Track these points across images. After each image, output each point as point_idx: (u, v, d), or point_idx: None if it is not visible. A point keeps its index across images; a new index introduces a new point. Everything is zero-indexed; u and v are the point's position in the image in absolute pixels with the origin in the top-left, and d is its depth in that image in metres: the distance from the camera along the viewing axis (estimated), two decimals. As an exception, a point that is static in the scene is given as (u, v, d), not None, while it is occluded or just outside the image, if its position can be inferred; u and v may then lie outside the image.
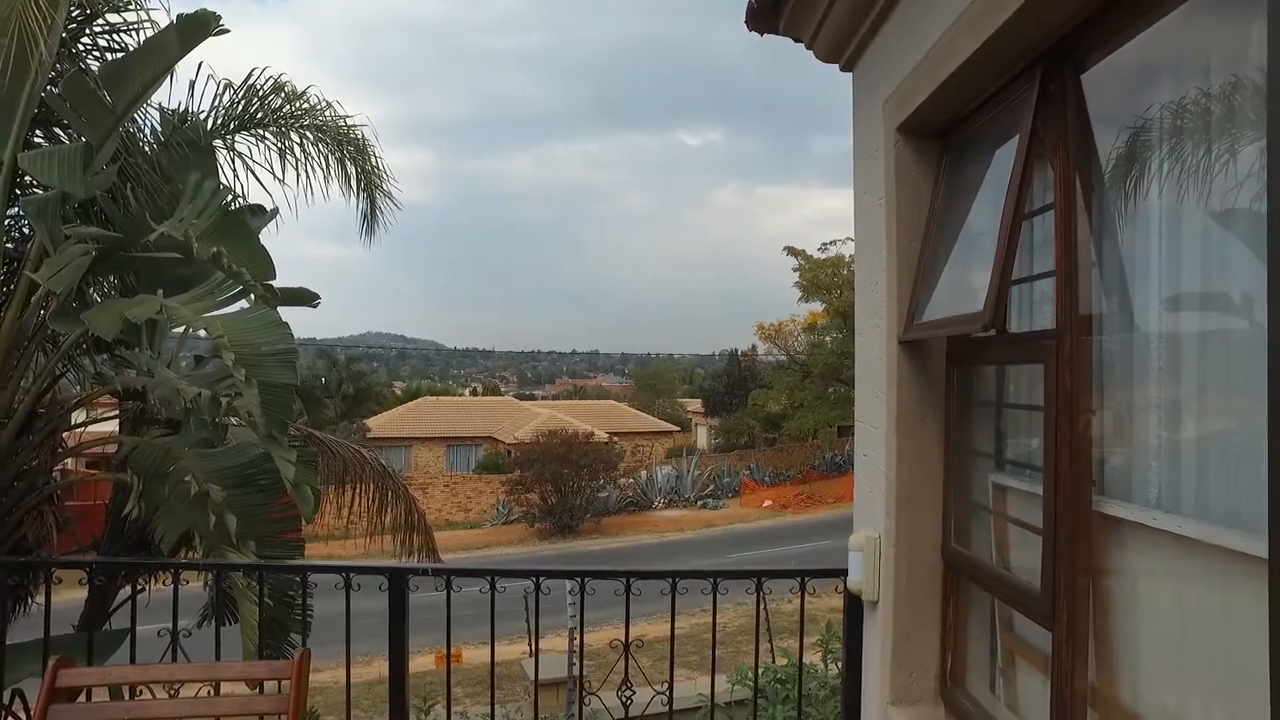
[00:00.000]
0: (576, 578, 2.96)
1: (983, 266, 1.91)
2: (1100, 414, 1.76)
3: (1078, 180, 1.78)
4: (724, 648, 13.69)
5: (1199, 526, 1.48)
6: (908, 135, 2.37)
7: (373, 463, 7.66)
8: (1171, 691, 1.61)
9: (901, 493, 2.32)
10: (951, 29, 1.97)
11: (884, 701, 2.46)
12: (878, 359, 2.46)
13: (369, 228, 7.12)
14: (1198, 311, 1.59)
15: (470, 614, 3.33)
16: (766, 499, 31.13)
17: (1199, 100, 1.54)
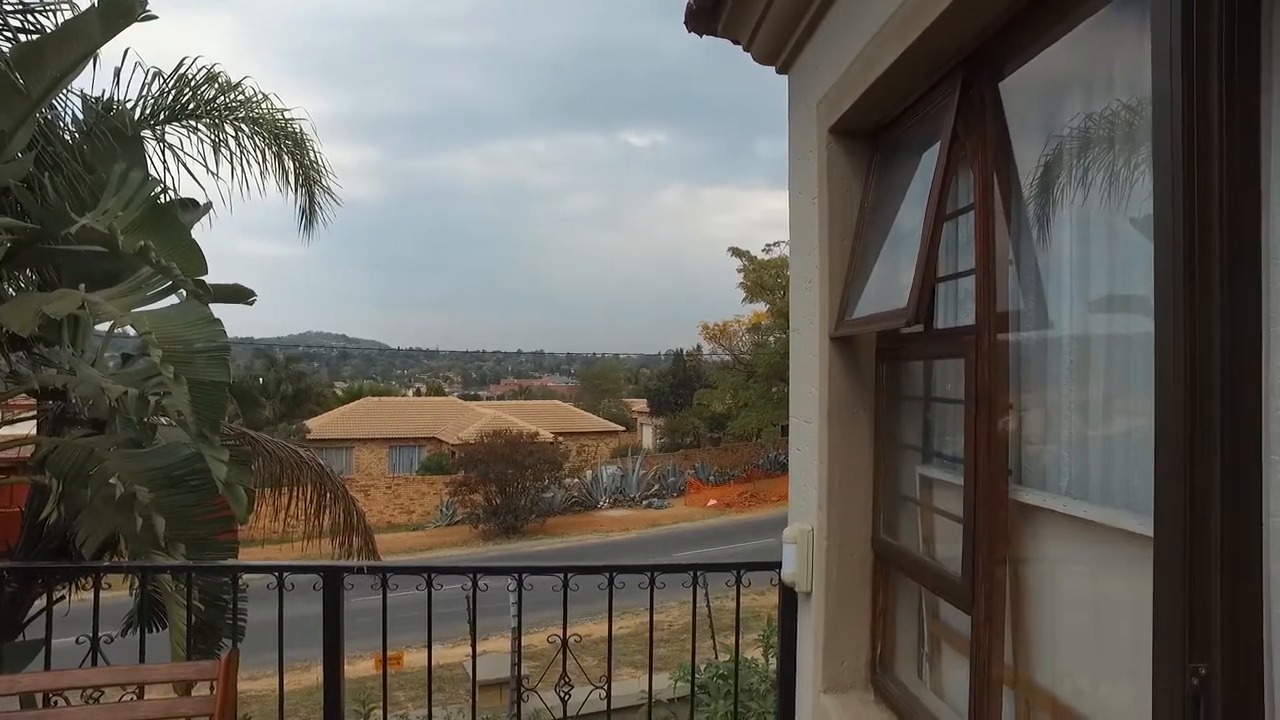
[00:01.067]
0: (514, 574, 2.95)
1: (909, 265, 1.97)
2: (1017, 406, 1.84)
3: (996, 183, 1.85)
4: (669, 645, 13.77)
5: (1103, 511, 1.56)
6: (839, 137, 2.43)
7: (311, 463, 7.49)
8: (1080, 666, 1.69)
9: (833, 486, 2.38)
10: (879, 34, 2.03)
11: (816, 690, 2.52)
12: (811, 355, 2.51)
13: (308, 224, 6.98)
14: (1104, 311, 1.67)
15: (410, 616, 3.29)
16: (711, 498, 31.39)
17: (1106, 110, 1.62)
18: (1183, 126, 1.11)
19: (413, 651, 10.97)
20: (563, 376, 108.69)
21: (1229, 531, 1.09)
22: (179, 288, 3.90)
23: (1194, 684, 1.09)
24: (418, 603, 3.08)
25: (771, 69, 3.09)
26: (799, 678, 2.84)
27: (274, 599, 3.10)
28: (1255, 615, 1.10)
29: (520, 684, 3.13)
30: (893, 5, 1.94)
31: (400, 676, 11.80)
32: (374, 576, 3.08)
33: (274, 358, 42.26)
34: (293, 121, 6.21)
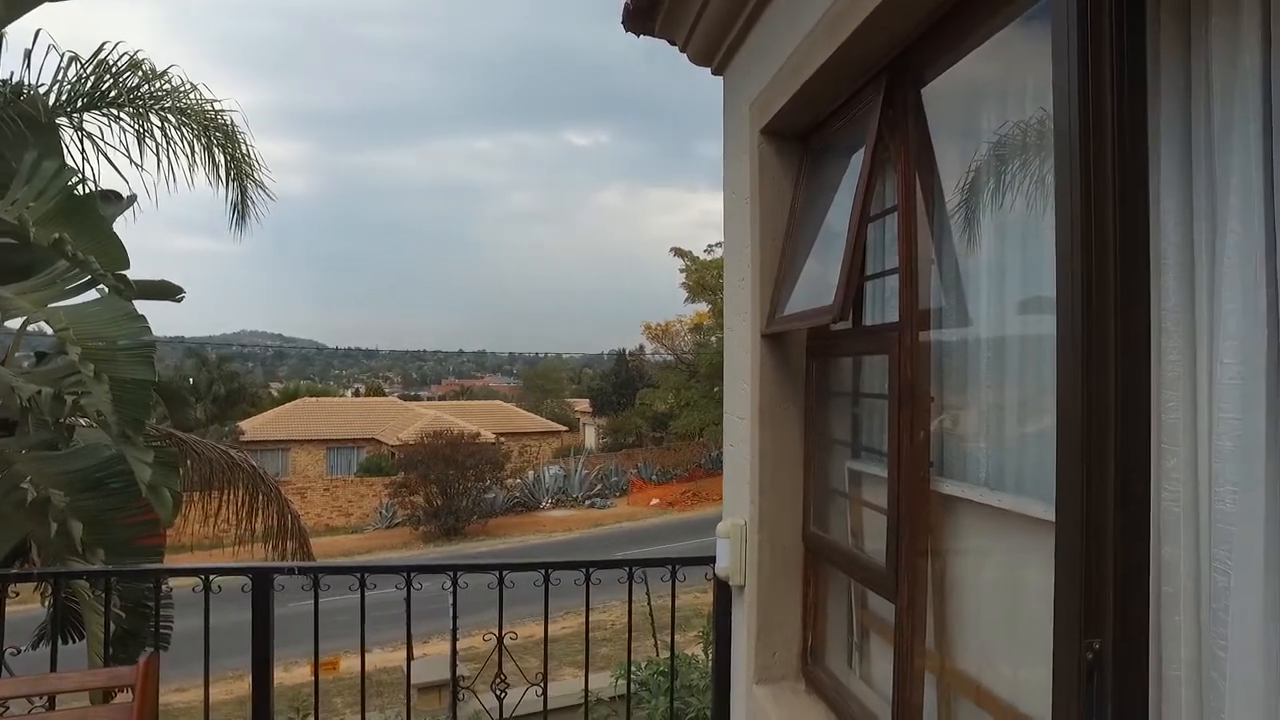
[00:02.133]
0: (449, 572, 2.93)
1: (837, 263, 2.03)
2: (938, 401, 1.90)
3: (918, 185, 1.91)
4: (613, 645, 13.77)
5: (1016, 500, 1.63)
6: (771, 137, 2.48)
7: (244, 465, 7.29)
8: (997, 647, 1.76)
9: (764, 481, 2.42)
10: (808, 37, 2.08)
11: (750, 681, 2.56)
12: (743, 353, 2.56)
13: (240, 219, 6.80)
14: (1018, 311, 1.75)
15: (350, 620, 3.22)
16: (654, 497, 31.53)
17: (1020, 117, 1.70)
18: (1079, 135, 1.17)
19: (351, 656, 10.74)
20: (505, 376, 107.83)
21: (1121, 516, 1.16)
22: (99, 282, 3.77)
23: (1089, 658, 1.15)
24: (354, 607, 3.03)
25: (708, 70, 3.13)
26: (733, 670, 2.88)
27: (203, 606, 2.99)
28: (1144, 593, 1.17)
29: (456, 684, 3.10)
30: (820, 10, 1.99)
31: (339, 682, 11.56)
32: (307, 579, 3.02)
33: (206, 357, 40.92)
34: (223, 113, 6.04)
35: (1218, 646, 1.14)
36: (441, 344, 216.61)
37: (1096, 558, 1.16)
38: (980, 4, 1.64)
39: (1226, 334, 1.17)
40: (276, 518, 7.11)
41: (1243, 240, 1.14)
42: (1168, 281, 1.26)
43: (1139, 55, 1.18)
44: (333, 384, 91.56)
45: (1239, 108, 1.14)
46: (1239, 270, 1.15)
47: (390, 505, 28.75)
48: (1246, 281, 1.14)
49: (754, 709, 2.54)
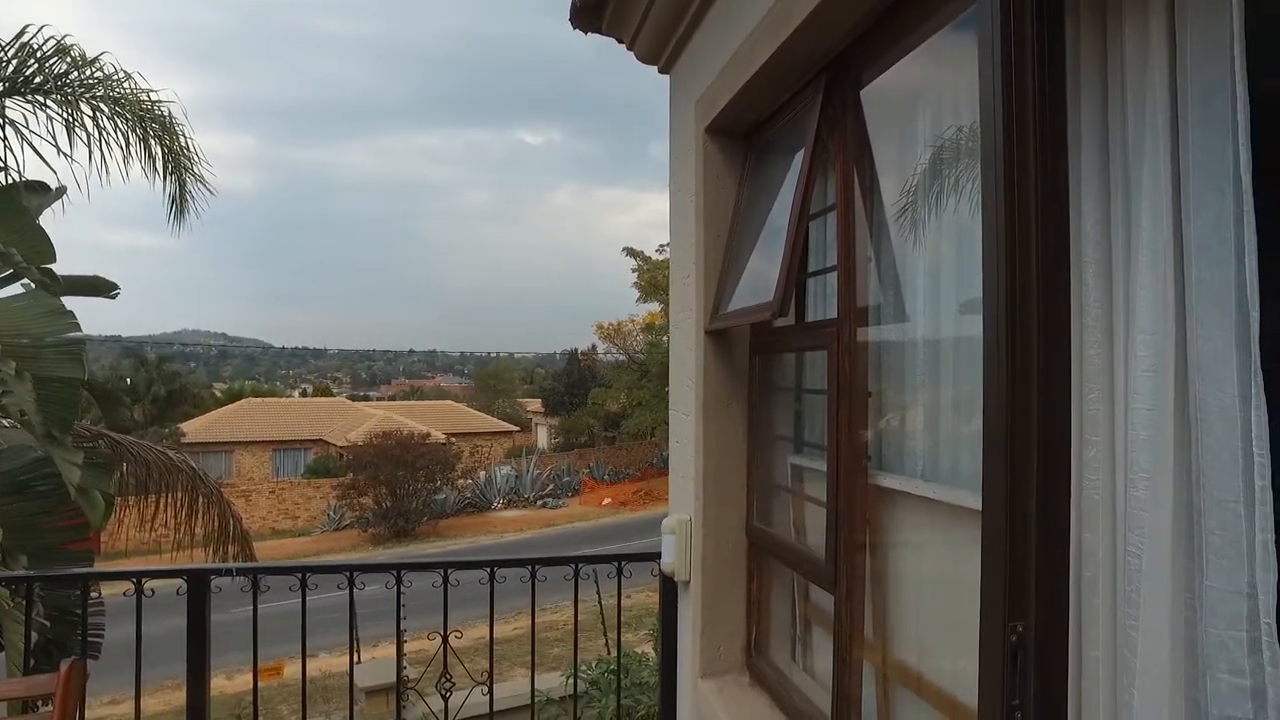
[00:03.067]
0: (393, 571, 2.89)
1: (779, 260, 2.06)
2: (876, 395, 1.94)
3: (856, 184, 1.95)
4: (564, 645, 13.71)
5: (950, 491, 1.67)
6: (715, 136, 2.50)
7: (183, 467, 7.07)
8: (932, 635, 1.81)
9: (708, 476, 2.45)
10: (751, 37, 2.11)
11: (695, 675, 2.58)
12: (688, 349, 2.57)
13: (179, 214, 6.60)
14: (952, 307, 1.79)
15: (292, 624, 3.15)
16: (606, 497, 31.50)
17: (954, 120, 1.74)
18: (1003, 137, 1.21)
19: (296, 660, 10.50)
20: (456, 376, 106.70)
21: (1043, 505, 1.20)
22: (22, 276, 3.62)
23: (1013, 640, 1.19)
24: (299, 612, 2.94)
25: (655, 69, 3.15)
26: (679, 665, 2.90)
27: (145, 615, 2.88)
28: (1064, 579, 1.22)
29: (401, 686, 3.06)
30: (763, 9, 2.02)
31: (284, 688, 11.29)
32: (248, 582, 2.93)
33: (144, 357, 39.66)
34: (160, 104, 5.86)
35: (1130, 627, 1.19)
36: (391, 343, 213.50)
37: (1020, 545, 1.20)
38: (914, 8, 1.68)
39: (1140, 329, 1.22)
40: (218, 521, 6.91)
41: (1154, 239, 1.19)
42: (1088, 279, 1.30)
43: (1059, 61, 1.22)
44: (279, 384, 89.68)
45: (1148, 113, 1.19)
46: (1150, 268, 1.20)
47: (339, 507, 28.22)
48: (1157, 279, 1.19)
49: (699, 703, 2.56)
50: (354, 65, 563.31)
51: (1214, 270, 1.09)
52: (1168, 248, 1.18)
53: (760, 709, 2.32)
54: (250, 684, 3.12)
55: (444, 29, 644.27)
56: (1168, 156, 1.18)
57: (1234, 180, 1.06)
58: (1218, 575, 1.04)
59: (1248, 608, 0.99)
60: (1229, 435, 1.04)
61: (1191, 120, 1.14)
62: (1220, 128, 1.09)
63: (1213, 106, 1.11)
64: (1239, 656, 0.99)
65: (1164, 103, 1.17)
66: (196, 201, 6.54)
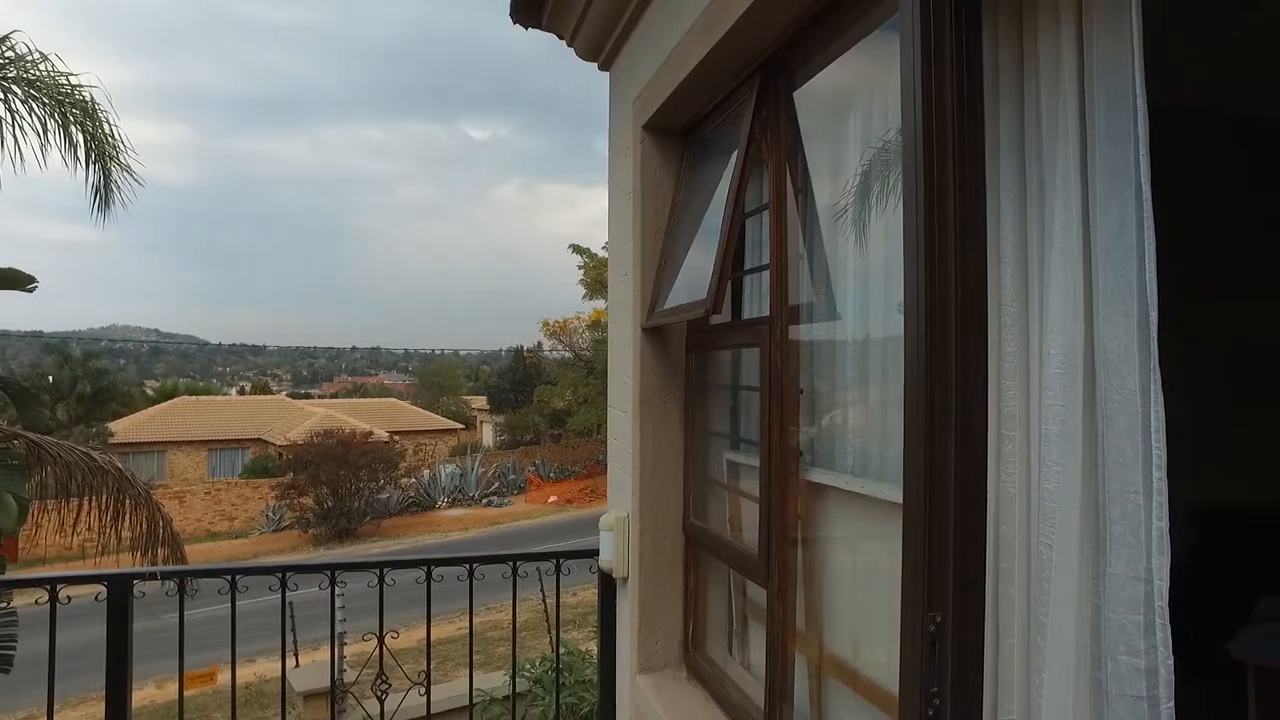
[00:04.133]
0: (327, 571, 2.83)
1: (713, 258, 2.07)
2: (808, 392, 1.97)
3: (789, 184, 1.98)
4: (506, 644, 13.65)
5: (877, 486, 1.71)
6: (653, 134, 2.51)
7: (109, 468, 6.81)
8: (861, 626, 1.85)
9: (645, 473, 2.46)
10: (687, 36, 2.12)
11: (633, 671, 2.60)
12: (626, 346, 2.58)
13: (104, 204, 6.35)
14: (882, 305, 1.83)
15: (227, 629, 3.04)
16: (552, 495, 31.37)
17: (884, 121, 1.78)
18: (923, 140, 1.24)
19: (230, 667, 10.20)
20: (400, 374, 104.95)
21: (961, 498, 1.24)
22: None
23: (931, 630, 1.22)
24: (241, 613, 2.84)
25: (595, 66, 3.14)
26: (618, 661, 2.91)
27: (73, 624, 2.75)
28: (981, 570, 1.25)
29: (335, 690, 3.00)
30: (699, 8, 2.03)
31: (219, 694, 10.96)
32: (184, 586, 2.80)
33: (68, 353, 38.03)
34: (81, 88, 5.62)
35: (1041, 614, 1.24)
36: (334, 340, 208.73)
37: (938, 538, 1.24)
38: (843, 12, 1.71)
39: (1052, 328, 1.26)
40: (146, 524, 6.67)
41: (1065, 242, 1.24)
42: (1006, 278, 1.35)
43: (978, 67, 1.26)
44: (216, 382, 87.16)
45: (1060, 121, 1.24)
46: (1062, 270, 1.24)
47: (278, 508, 27.53)
48: (1069, 280, 1.23)
49: (637, 698, 2.57)
50: (294, 55, 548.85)
51: (1117, 272, 1.14)
52: (1077, 250, 1.22)
53: (696, 703, 2.35)
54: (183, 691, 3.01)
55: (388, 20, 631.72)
56: (1077, 163, 1.22)
57: (1135, 187, 1.11)
58: (1119, 562, 1.08)
59: (1144, 592, 1.03)
60: (1130, 429, 1.08)
61: (1098, 129, 1.18)
62: (1124, 137, 1.14)
63: (1117, 116, 1.15)
64: (1136, 638, 1.04)
65: (1074, 112, 1.22)
66: (123, 192, 6.31)
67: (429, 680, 2.98)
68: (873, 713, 1.77)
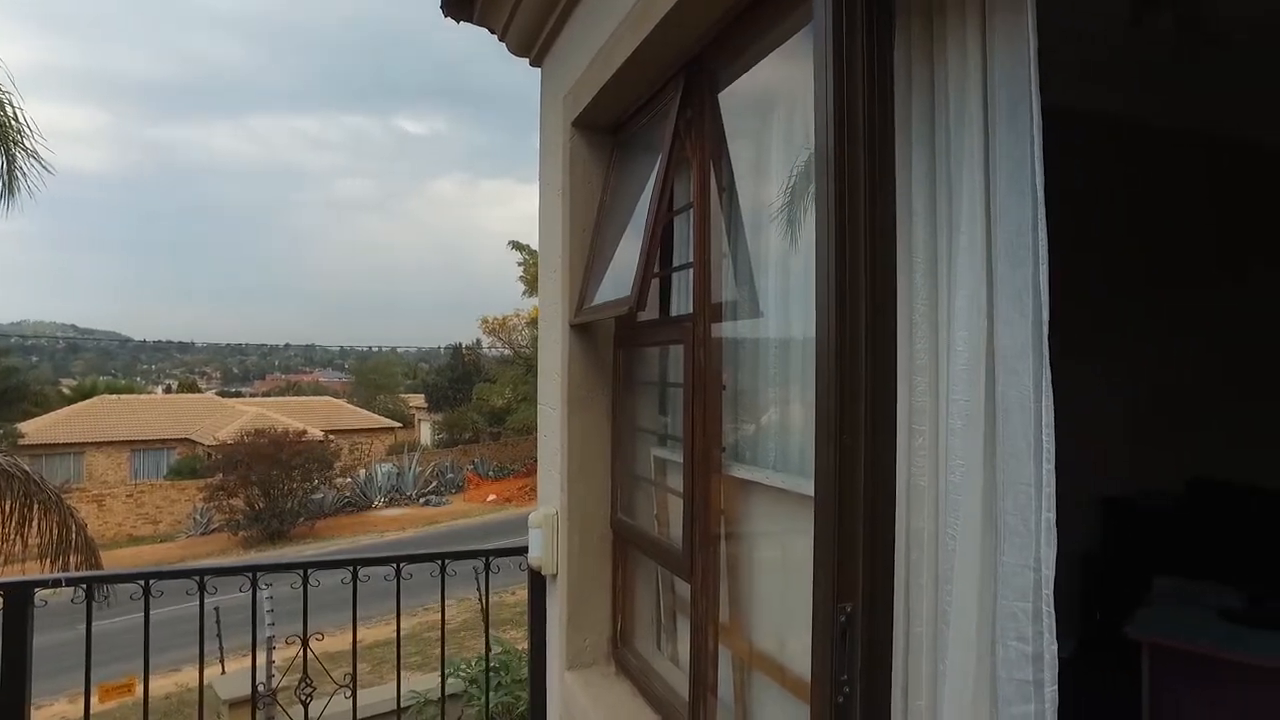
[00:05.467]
0: (248, 574, 2.74)
1: (639, 256, 2.08)
2: (731, 389, 2.00)
3: (713, 183, 2.00)
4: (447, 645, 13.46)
5: (797, 480, 1.74)
6: (582, 130, 2.51)
7: (14, 471, 6.49)
8: (782, 618, 1.88)
9: (572, 469, 2.45)
10: (615, 33, 2.12)
11: (562, 668, 2.59)
12: (555, 343, 2.57)
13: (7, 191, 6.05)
14: (801, 303, 1.87)
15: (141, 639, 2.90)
16: (491, 493, 31.07)
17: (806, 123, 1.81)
18: (834, 142, 1.27)
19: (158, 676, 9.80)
20: (336, 372, 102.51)
21: (870, 492, 1.27)
22: None
23: (842, 620, 1.25)
24: (161, 620, 2.71)
25: (526, 61, 3.12)
26: (548, 658, 2.90)
27: None
28: (890, 561, 1.29)
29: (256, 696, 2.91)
30: (626, 6, 2.03)
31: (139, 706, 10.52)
32: (97, 594, 2.66)
33: (-29, 350, 36.09)
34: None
35: (946, 603, 1.28)
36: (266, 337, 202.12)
37: (848, 529, 1.27)
38: (764, 14, 1.73)
39: (958, 325, 1.30)
40: (56, 530, 6.38)
41: (970, 241, 1.28)
42: (918, 278, 1.38)
43: (889, 68, 1.29)
44: (140, 380, 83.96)
45: (967, 121, 1.28)
46: (969, 269, 1.29)
47: (206, 510, 26.63)
48: (974, 279, 1.28)
49: (566, 695, 2.57)
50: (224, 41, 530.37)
51: (1015, 271, 1.18)
52: (982, 250, 1.26)
53: (624, 698, 2.35)
54: (98, 705, 2.89)
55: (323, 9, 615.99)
56: (981, 165, 1.26)
57: (1031, 189, 1.15)
58: (1011, 551, 1.13)
59: (1033, 580, 1.08)
60: (1024, 424, 1.13)
61: (999, 132, 1.22)
62: (1021, 140, 1.18)
63: (1016, 120, 1.20)
64: (1025, 625, 1.08)
65: (978, 116, 1.26)
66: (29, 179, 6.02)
67: (355, 683, 2.93)
68: (794, 702, 1.80)
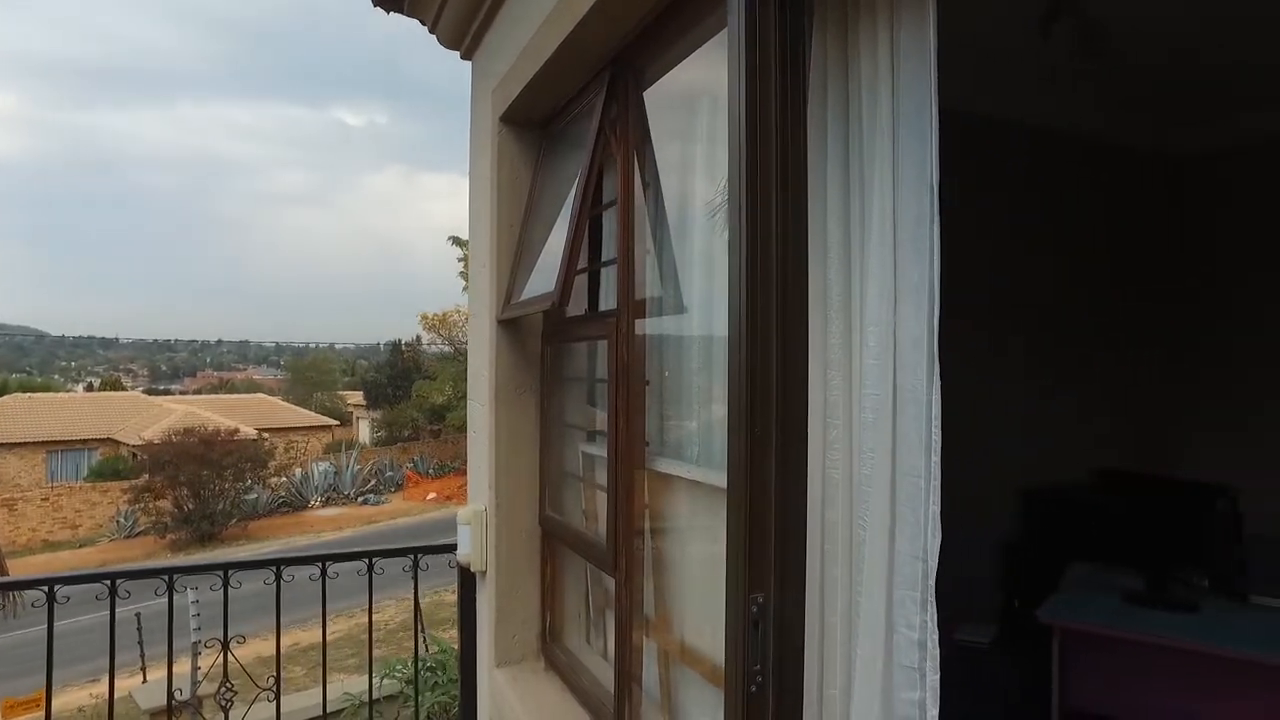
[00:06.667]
0: (163, 576, 2.64)
1: (565, 252, 2.08)
2: (655, 384, 2.01)
3: (637, 180, 2.01)
4: (385, 645, 13.26)
5: (719, 475, 1.76)
6: (511, 125, 2.49)
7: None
8: (702, 609, 1.90)
9: (501, 465, 2.44)
10: (542, 28, 2.11)
11: (491, 665, 2.58)
12: (484, 339, 2.55)
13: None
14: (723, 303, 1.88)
15: (64, 645, 2.75)
16: (431, 491, 30.66)
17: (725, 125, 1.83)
18: (746, 139, 1.29)
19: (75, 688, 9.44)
20: (271, 369, 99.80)
21: (782, 482, 1.29)
22: None
23: (754, 610, 1.27)
24: (77, 630, 2.60)
25: (457, 54, 3.09)
26: (478, 656, 2.88)
27: None
28: (801, 553, 1.32)
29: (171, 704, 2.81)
30: (552, 1, 2.02)
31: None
32: None
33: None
34: None
35: (858, 593, 1.31)
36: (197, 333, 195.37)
37: (759, 521, 1.29)
38: (685, 13, 1.74)
39: (869, 319, 1.34)
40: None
41: (880, 234, 1.31)
42: (832, 272, 1.41)
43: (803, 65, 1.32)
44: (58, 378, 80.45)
45: (879, 117, 1.31)
46: (878, 261, 1.32)
47: (131, 512, 25.65)
48: (884, 272, 1.31)
49: (495, 691, 2.56)
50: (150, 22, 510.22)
51: (915, 266, 1.22)
52: (890, 244, 1.30)
53: (552, 693, 2.35)
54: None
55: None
56: (889, 157, 1.29)
57: (928, 187, 1.19)
58: (903, 541, 1.17)
59: (921, 570, 1.12)
60: (917, 416, 1.17)
61: (902, 128, 1.26)
62: (922, 138, 1.22)
63: (919, 119, 1.23)
64: (913, 613, 1.13)
65: (887, 112, 1.29)
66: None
67: (279, 686, 2.86)
68: (716, 692, 1.83)
